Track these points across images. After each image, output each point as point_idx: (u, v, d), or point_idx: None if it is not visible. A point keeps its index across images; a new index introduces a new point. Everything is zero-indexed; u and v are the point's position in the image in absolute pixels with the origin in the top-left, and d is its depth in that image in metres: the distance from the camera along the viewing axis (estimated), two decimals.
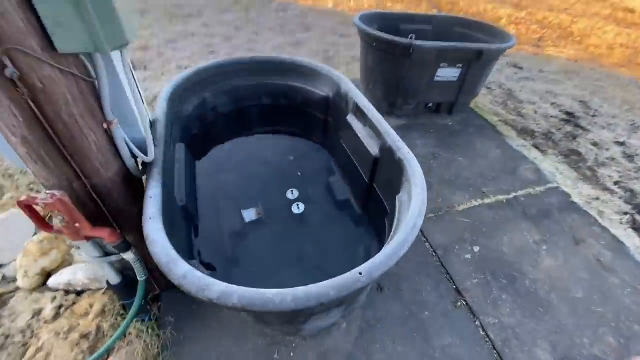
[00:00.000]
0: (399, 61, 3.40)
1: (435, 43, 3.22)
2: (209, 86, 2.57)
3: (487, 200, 2.95)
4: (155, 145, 1.62)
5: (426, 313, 2.03)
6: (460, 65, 3.48)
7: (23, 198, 1.35)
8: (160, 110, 1.91)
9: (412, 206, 1.32)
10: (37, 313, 2.31)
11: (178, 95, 2.27)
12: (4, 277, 2.51)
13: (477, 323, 2.03)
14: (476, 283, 2.23)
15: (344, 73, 4.95)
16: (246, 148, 2.80)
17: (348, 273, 1.02)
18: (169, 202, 1.48)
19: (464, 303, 2.11)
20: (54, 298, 2.35)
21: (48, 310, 2.28)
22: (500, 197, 2.99)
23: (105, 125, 1.39)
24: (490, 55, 3.40)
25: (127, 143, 1.51)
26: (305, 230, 2.26)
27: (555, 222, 2.77)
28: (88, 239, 1.52)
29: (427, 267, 2.32)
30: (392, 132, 1.83)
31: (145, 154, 1.66)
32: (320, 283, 0.98)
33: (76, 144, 1.28)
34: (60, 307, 2.28)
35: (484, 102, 4.53)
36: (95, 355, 1.83)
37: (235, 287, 0.99)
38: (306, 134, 2.96)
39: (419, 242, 2.49)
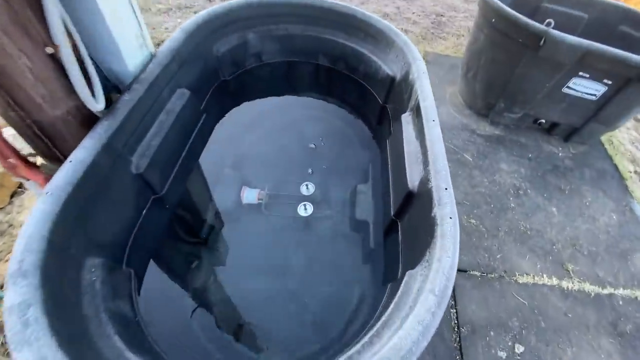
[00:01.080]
0: (519, 51, 2.43)
1: (582, 40, 2.16)
2: (257, 26, 2.08)
3: (566, 284, 2.10)
4: (129, 89, 1.26)
5: None
6: (609, 82, 2.37)
7: None
8: (170, 42, 1.52)
9: (404, 329, 0.76)
10: None
11: (211, 29, 1.85)
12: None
13: None
14: None
15: (450, 48, 3.97)
16: (282, 113, 2.34)
17: None
18: (113, 169, 1.14)
19: None
20: None
21: None
22: (588, 287, 2.11)
23: (49, 50, 1.06)
24: None
25: (89, 76, 1.18)
26: (304, 240, 1.82)
27: None
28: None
29: (438, 343, 1.74)
30: (445, 167, 1.18)
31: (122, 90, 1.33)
32: None
33: None
34: None
35: (622, 138, 3.23)
36: None
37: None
38: (358, 115, 2.36)
39: None
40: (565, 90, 2.56)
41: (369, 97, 2.18)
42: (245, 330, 1.56)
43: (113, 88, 1.38)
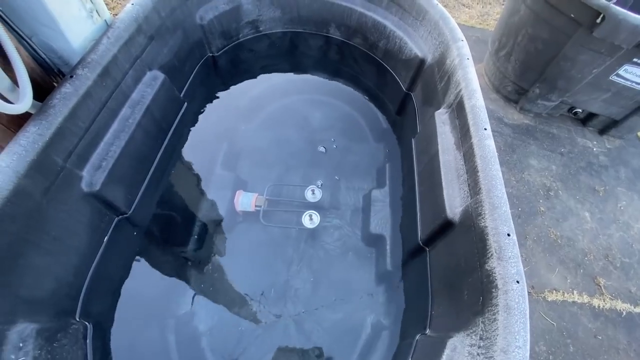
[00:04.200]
0: (569, 29, 2.03)
1: None
2: None
3: (597, 302, 1.88)
4: (71, 76, 0.91)
5: None
6: None
7: None
8: (133, 8, 1.13)
9: None
10: None
11: None
12: None
13: None
14: None
15: (475, 17, 3.47)
16: (282, 97, 1.95)
17: None
18: (51, 193, 0.82)
19: None
20: None
21: None
22: (620, 305, 1.90)
23: None
24: None
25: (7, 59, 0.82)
26: (308, 256, 1.54)
27: None
28: None
29: None
30: (505, 201, 0.87)
31: (65, 69, 0.97)
32: None
33: None
34: None
35: None
36: None
37: None
38: (374, 101, 1.99)
39: None
40: (613, 78, 2.19)
41: (389, 81, 1.81)
42: None
43: (57, 73, 1.02)
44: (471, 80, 1.17)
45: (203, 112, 1.63)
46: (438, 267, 1.11)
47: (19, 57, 0.82)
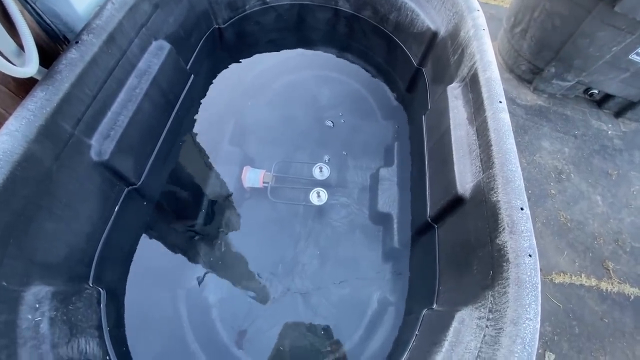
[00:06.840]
0: (589, 4, 1.93)
1: None
2: None
3: (605, 285, 1.88)
4: (77, 42, 0.89)
5: None
6: None
7: None
8: None
9: None
10: None
11: None
12: None
13: None
14: None
15: None
16: (290, 72, 1.91)
17: None
18: (61, 159, 0.82)
19: None
20: None
21: None
22: (628, 289, 1.89)
23: None
24: None
25: (11, 22, 0.81)
26: (316, 233, 1.55)
27: None
28: None
29: None
30: (519, 175, 0.85)
31: (68, 35, 0.95)
32: None
33: None
34: None
35: None
36: None
37: None
38: (383, 77, 1.93)
39: None
40: (632, 56, 2.11)
41: (399, 56, 1.75)
42: (247, 336, 1.35)
43: (63, 40, 1.00)
44: (486, 52, 1.12)
45: (210, 85, 1.60)
46: (446, 243, 1.11)
47: (24, 20, 0.80)
